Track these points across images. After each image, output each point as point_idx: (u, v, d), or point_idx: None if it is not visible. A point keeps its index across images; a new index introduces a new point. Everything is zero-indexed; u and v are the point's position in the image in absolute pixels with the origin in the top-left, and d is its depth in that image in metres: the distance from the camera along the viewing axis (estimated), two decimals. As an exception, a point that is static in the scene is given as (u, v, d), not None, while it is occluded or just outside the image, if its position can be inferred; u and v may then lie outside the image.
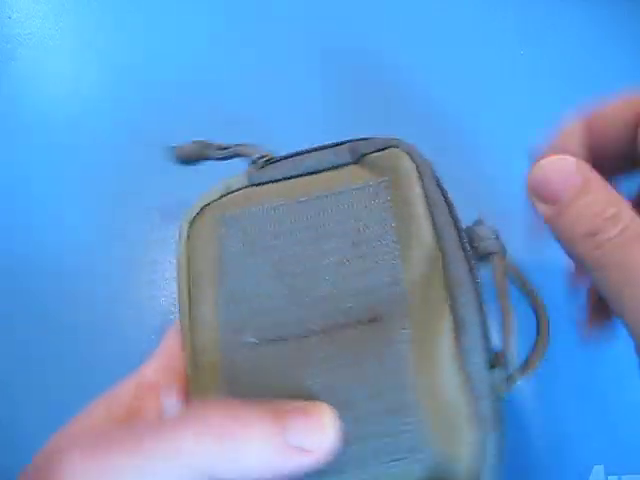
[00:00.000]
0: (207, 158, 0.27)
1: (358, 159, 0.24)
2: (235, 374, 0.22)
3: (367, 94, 0.40)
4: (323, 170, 0.24)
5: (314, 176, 0.24)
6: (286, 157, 0.25)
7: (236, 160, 0.26)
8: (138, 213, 0.36)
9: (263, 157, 0.25)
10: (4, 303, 0.35)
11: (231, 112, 0.39)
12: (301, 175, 0.24)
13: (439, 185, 0.24)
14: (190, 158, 0.27)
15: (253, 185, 0.25)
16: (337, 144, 0.25)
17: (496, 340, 0.21)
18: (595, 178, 0.21)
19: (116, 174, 0.38)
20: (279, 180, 0.24)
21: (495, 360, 0.21)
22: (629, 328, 0.19)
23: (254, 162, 0.25)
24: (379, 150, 0.24)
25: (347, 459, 0.20)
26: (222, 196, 0.25)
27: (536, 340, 0.23)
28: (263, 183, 0.25)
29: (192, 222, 0.24)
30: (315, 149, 0.25)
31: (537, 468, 0.31)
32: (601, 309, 0.26)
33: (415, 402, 0.20)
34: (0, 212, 0.37)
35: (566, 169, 0.21)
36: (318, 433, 0.19)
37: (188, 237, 0.24)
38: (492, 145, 0.38)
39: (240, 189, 0.25)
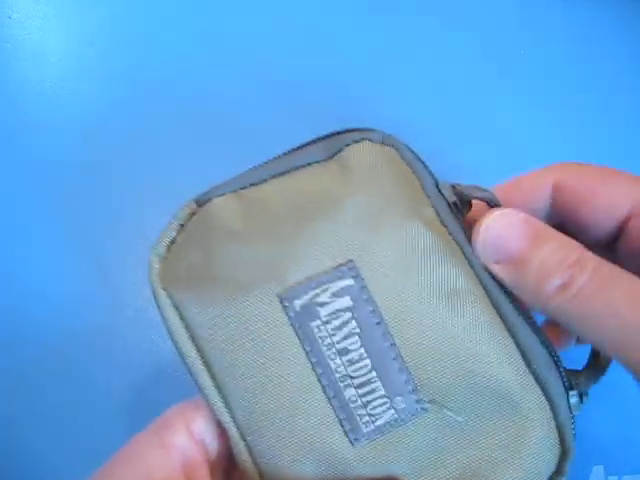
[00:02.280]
0: None
1: (331, 155, 0.22)
2: None
3: (357, 99, 0.40)
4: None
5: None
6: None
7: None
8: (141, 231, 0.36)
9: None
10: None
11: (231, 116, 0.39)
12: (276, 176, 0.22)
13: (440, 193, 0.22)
14: None
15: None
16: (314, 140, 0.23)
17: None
18: (546, 227, 0.20)
19: (118, 175, 0.38)
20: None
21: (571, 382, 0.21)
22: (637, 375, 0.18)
23: None
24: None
25: None
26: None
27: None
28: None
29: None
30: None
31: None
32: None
33: None
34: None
35: (513, 223, 0.20)
36: None
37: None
38: (492, 145, 0.38)
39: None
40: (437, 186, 0.22)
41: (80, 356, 0.34)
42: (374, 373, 0.20)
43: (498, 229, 0.20)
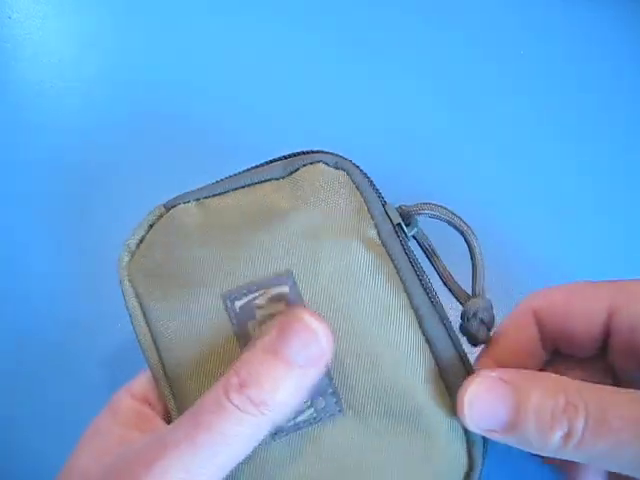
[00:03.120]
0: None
1: (288, 174, 0.24)
2: None
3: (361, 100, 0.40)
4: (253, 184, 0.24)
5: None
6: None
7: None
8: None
9: None
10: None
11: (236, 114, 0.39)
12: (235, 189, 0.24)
13: (385, 207, 0.23)
14: None
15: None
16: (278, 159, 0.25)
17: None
18: (521, 376, 0.20)
19: (118, 175, 0.38)
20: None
21: None
22: None
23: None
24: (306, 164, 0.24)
25: None
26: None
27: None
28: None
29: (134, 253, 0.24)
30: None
31: (537, 468, 0.31)
32: None
33: None
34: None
35: (491, 389, 0.20)
36: (315, 341, 0.20)
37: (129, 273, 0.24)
38: (492, 145, 0.38)
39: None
40: (384, 207, 0.23)
41: (80, 356, 0.34)
42: None
43: (480, 402, 0.20)
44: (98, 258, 0.36)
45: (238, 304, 0.22)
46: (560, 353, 0.24)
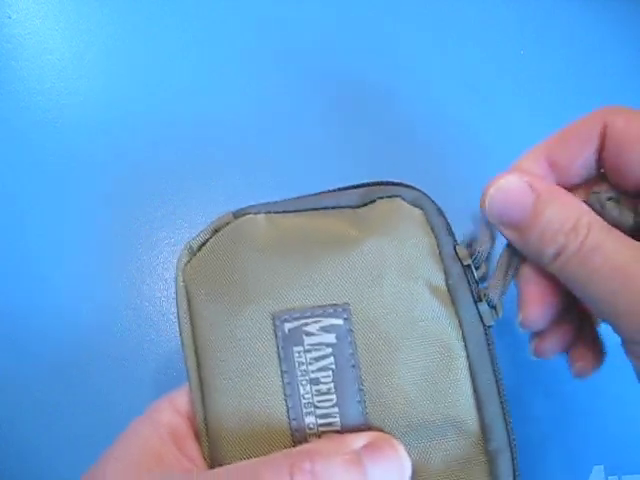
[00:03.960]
0: None
1: (364, 204, 0.24)
2: None
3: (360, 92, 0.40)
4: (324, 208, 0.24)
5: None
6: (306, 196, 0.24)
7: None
8: (147, 243, 0.37)
9: None
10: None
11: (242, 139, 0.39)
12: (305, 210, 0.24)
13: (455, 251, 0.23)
14: None
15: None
16: (355, 186, 0.24)
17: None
18: (548, 190, 0.21)
19: (119, 175, 0.38)
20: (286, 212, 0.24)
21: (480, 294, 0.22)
22: (619, 331, 0.20)
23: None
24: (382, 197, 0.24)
25: None
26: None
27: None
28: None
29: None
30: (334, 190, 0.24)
31: (537, 468, 0.31)
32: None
33: None
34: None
35: (516, 191, 0.21)
36: (398, 470, 0.20)
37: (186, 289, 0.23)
38: (493, 145, 0.38)
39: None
40: (455, 248, 0.23)
41: (79, 356, 0.34)
42: (336, 409, 0.21)
43: (503, 198, 0.21)
44: (100, 258, 0.36)
45: (288, 326, 0.21)
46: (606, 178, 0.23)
